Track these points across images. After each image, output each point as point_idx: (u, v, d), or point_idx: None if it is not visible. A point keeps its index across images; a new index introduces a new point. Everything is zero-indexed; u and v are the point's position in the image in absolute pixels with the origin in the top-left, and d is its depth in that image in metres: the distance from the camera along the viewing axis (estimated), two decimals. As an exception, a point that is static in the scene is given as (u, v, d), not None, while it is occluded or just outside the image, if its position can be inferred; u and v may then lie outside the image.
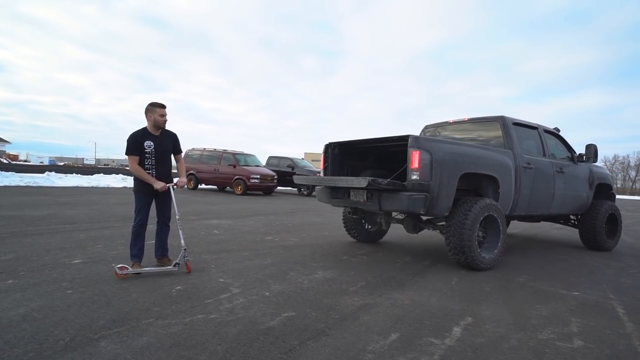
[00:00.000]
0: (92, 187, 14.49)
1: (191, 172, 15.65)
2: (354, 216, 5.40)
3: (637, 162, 76.65)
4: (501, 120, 5.15)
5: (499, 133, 5.14)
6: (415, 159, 4.00)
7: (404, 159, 5.52)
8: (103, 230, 5.60)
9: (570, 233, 8.20)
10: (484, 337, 2.47)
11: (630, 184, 75.59)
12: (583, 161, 6.06)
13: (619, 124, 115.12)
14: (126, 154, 3.50)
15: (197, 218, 7.43)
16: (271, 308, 2.80)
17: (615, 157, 74.33)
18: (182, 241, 3.62)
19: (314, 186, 16.44)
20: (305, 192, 16.87)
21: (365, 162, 5.83)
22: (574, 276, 4.31)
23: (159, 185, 3.54)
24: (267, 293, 3.14)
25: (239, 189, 14.59)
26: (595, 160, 6.01)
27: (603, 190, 6.68)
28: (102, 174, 17.43)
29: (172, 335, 2.26)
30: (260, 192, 16.02)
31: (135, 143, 3.50)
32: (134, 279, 3.30)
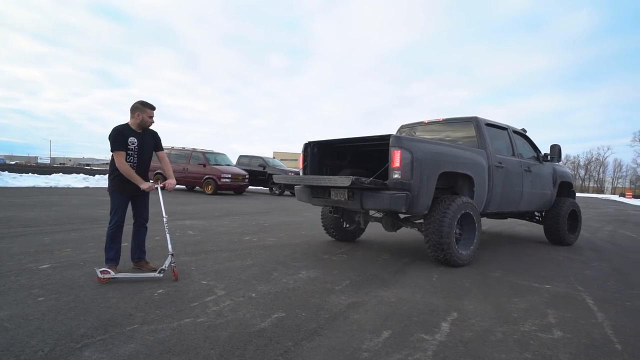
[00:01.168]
0: (51, 187, 13.67)
1: (158, 171, 15.10)
2: (334, 215, 5.41)
3: (586, 162, 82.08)
4: (475, 121, 5.32)
5: (473, 133, 5.31)
6: (396, 158, 4.05)
7: (380, 158, 5.60)
8: (69, 232, 5.30)
9: (533, 229, 8.62)
10: (471, 332, 2.54)
11: (580, 182, 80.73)
12: (548, 161, 6.38)
13: (570, 125, 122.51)
14: (112, 150, 3.31)
15: (170, 219, 7.14)
16: (260, 309, 2.75)
17: (567, 157, 79.24)
18: (170, 246, 3.45)
19: (286, 186, 16.37)
20: (277, 192, 16.73)
21: (344, 161, 5.86)
22: (543, 270, 4.53)
23: (145, 185, 3.39)
24: (254, 294, 3.09)
25: (209, 189, 14.26)
26: (560, 160, 6.35)
27: (565, 188, 7.07)
28: (61, 174, 16.45)
29: (160, 341, 2.17)
30: (231, 192, 15.74)
31: (121, 138, 3.34)
32: (111, 284, 3.14)
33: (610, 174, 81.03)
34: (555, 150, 6.24)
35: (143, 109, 3.45)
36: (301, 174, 5.38)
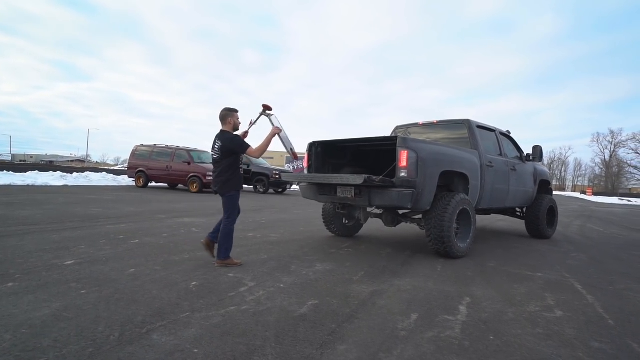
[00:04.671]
0: (28, 185, 13.21)
1: (141, 169, 14.95)
2: (342, 212, 5.65)
3: (550, 161, 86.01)
4: (467, 123, 5.71)
5: (465, 134, 5.69)
6: (403, 158, 4.34)
7: (377, 157, 5.92)
8: (74, 230, 5.30)
9: (512, 223, 9.19)
10: (487, 313, 2.86)
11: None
12: (530, 160, 6.88)
13: (536, 126, 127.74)
14: (246, 148, 3.96)
15: (167, 217, 7.23)
16: (293, 298, 2.97)
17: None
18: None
19: (270, 184, 16.48)
20: (261, 190, 16.81)
21: (344, 160, 6.13)
22: (531, 260, 4.96)
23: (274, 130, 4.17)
24: (282, 285, 3.30)
25: (194, 187, 14.19)
26: (541, 160, 6.86)
27: (543, 185, 7.62)
28: (37, 172, 15.87)
29: (217, 326, 2.36)
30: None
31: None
32: (145, 278, 3.28)
33: (571, 172, 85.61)
34: (537, 150, 6.74)
35: (233, 114, 3.99)
36: (305, 172, 5.60)
